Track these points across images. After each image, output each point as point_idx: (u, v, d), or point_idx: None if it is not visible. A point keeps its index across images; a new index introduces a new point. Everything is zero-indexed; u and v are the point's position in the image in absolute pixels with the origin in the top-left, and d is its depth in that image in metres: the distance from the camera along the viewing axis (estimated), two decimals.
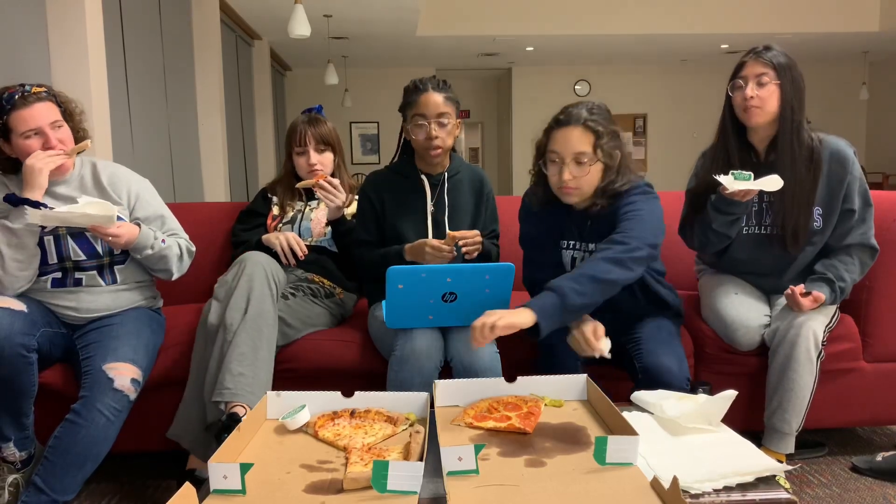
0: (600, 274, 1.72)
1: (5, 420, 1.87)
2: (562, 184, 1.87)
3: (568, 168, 1.85)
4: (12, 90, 1.89)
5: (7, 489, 1.90)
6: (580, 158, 1.84)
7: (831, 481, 2.10)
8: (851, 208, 2.06)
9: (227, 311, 1.93)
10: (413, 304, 1.81)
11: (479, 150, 13.73)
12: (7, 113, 1.88)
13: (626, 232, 1.80)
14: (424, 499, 1.17)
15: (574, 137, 1.85)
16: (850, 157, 2.06)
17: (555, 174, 1.89)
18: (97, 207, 1.84)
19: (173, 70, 4.96)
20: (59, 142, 1.92)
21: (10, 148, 1.93)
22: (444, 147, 2.11)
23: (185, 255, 2.12)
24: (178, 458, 2.01)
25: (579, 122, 1.85)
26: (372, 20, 7.60)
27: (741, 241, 2.15)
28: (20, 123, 1.88)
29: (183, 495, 1.07)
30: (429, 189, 2.17)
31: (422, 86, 2.10)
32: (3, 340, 1.75)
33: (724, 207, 2.02)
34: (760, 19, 8.42)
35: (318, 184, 2.23)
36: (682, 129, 11.30)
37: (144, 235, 1.98)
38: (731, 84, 2.09)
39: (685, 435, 1.41)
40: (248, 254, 2.05)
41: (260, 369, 1.90)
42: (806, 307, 2.00)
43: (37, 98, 1.90)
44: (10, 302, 1.85)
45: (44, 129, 1.90)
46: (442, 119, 2.08)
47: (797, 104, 2.03)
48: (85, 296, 2.00)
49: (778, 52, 2.06)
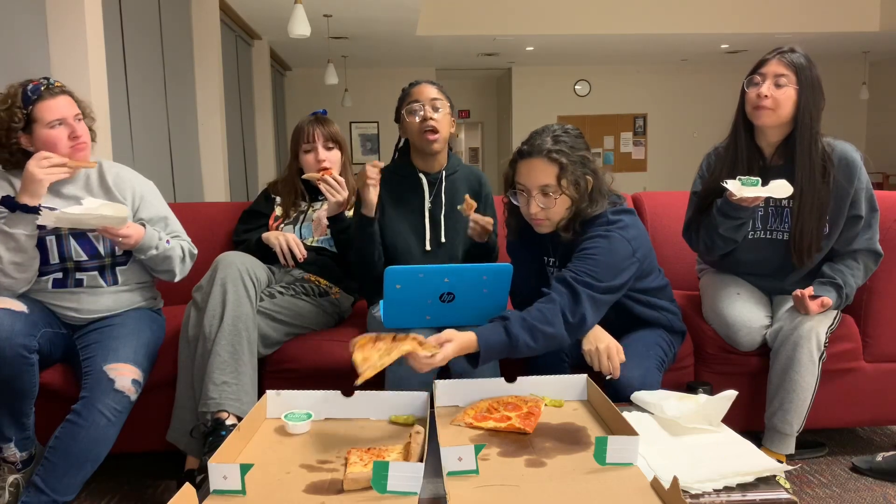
0: (554, 328, 1.67)
1: (6, 420, 1.87)
2: (531, 216, 1.84)
3: (535, 200, 1.80)
4: (37, 82, 1.93)
5: (7, 489, 1.89)
6: (545, 190, 1.79)
7: (831, 481, 2.10)
8: (858, 214, 2.05)
9: (205, 318, 1.91)
10: (411, 303, 1.81)
11: (479, 150, 13.73)
12: (33, 103, 1.90)
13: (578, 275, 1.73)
14: (424, 499, 1.17)
15: (538, 169, 1.79)
16: (857, 163, 2.04)
17: (524, 205, 1.85)
18: (110, 209, 1.86)
19: (173, 70, 4.96)
20: (83, 133, 1.95)
21: (30, 140, 1.94)
22: (440, 132, 2.10)
23: (188, 257, 2.13)
24: (178, 458, 2.01)
25: (542, 154, 1.78)
26: (372, 20, 7.60)
27: (746, 244, 2.13)
28: (47, 113, 1.90)
29: (183, 495, 1.07)
30: (427, 187, 2.18)
31: (415, 82, 2.18)
32: (4, 341, 1.75)
33: (731, 212, 1.99)
34: (760, 19, 8.42)
35: (323, 178, 2.21)
36: (682, 129, 11.30)
37: (149, 236, 1.98)
38: (748, 79, 2.03)
39: (685, 435, 1.41)
40: (221, 256, 2.02)
41: (243, 374, 1.89)
42: (813, 311, 1.99)
43: (61, 90, 1.95)
44: (10, 303, 1.85)
45: (69, 119, 1.93)
46: (436, 103, 2.10)
47: (815, 112, 1.98)
48: (86, 297, 2.00)
49: (801, 54, 2.01)
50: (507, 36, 8.75)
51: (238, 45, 7.17)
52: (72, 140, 1.93)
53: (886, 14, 8.48)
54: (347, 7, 6.95)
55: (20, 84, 1.94)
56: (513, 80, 11.47)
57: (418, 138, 2.13)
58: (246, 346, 1.91)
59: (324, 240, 2.36)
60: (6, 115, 1.90)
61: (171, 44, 4.94)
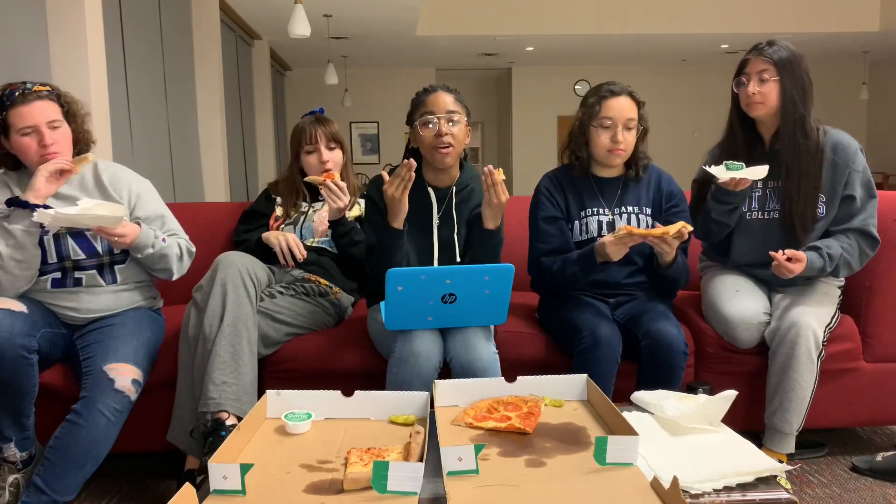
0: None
1: (6, 421, 1.87)
2: (615, 146, 2.07)
3: (620, 132, 2.05)
4: (14, 87, 1.91)
5: (8, 489, 1.89)
6: (629, 124, 2.07)
7: (831, 481, 2.10)
8: (852, 195, 2.09)
9: (205, 318, 1.91)
10: (412, 305, 1.81)
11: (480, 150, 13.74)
12: (6, 109, 1.89)
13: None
14: (424, 499, 1.17)
15: (626, 105, 2.07)
16: (852, 146, 2.11)
17: (607, 138, 2.08)
18: (106, 209, 1.85)
19: (173, 70, 4.96)
20: (54, 142, 1.91)
21: (9, 144, 1.94)
22: (454, 146, 2.01)
23: (186, 255, 2.12)
24: (178, 458, 2.01)
25: (626, 93, 2.09)
26: (372, 20, 7.60)
27: (746, 226, 2.19)
28: (18, 119, 1.89)
29: (183, 495, 1.07)
30: (436, 202, 2.09)
31: (430, 88, 2.07)
32: (4, 342, 1.75)
33: (721, 197, 2.09)
34: (760, 19, 8.42)
35: (325, 182, 2.17)
36: (682, 129, 11.30)
37: (145, 235, 1.97)
38: (736, 81, 2.17)
39: (685, 435, 1.41)
40: (221, 256, 2.01)
41: (243, 374, 1.89)
42: (789, 269, 2.00)
43: (37, 96, 1.91)
44: (10, 303, 1.85)
45: (40, 127, 1.90)
46: (452, 116, 2.00)
47: (799, 97, 2.08)
48: (85, 296, 2.00)
49: (780, 47, 2.11)
50: (507, 36, 8.76)
51: (238, 45, 7.17)
52: (41, 148, 1.90)
53: (886, 14, 8.49)
54: (347, 7, 6.95)
55: (2, 88, 1.92)
56: (513, 80, 11.48)
57: (430, 153, 2.03)
58: (246, 346, 1.91)
59: (324, 240, 2.36)
60: None
61: (171, 44, 4.94)
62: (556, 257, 2.10)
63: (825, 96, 10.89)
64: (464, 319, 1.88)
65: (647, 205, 2.17)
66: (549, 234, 2.14)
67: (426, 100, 2.04)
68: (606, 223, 2.14)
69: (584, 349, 1.91)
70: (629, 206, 2.16)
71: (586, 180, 2.18)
